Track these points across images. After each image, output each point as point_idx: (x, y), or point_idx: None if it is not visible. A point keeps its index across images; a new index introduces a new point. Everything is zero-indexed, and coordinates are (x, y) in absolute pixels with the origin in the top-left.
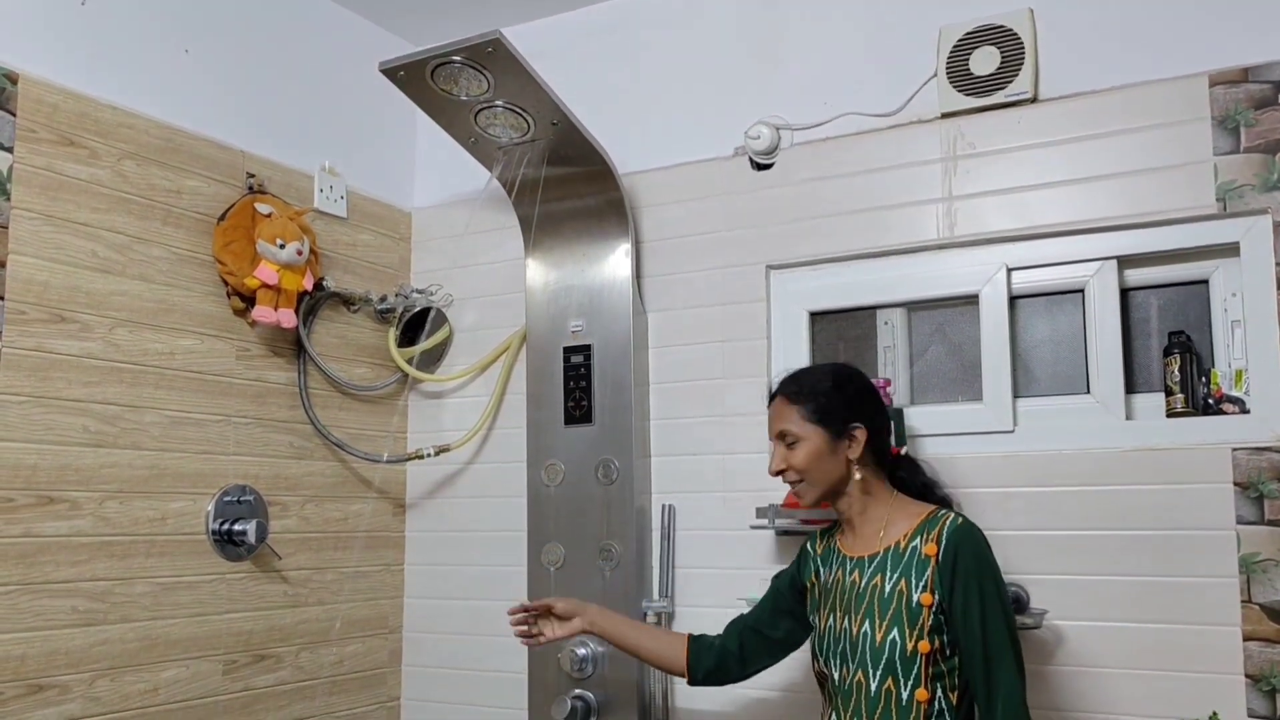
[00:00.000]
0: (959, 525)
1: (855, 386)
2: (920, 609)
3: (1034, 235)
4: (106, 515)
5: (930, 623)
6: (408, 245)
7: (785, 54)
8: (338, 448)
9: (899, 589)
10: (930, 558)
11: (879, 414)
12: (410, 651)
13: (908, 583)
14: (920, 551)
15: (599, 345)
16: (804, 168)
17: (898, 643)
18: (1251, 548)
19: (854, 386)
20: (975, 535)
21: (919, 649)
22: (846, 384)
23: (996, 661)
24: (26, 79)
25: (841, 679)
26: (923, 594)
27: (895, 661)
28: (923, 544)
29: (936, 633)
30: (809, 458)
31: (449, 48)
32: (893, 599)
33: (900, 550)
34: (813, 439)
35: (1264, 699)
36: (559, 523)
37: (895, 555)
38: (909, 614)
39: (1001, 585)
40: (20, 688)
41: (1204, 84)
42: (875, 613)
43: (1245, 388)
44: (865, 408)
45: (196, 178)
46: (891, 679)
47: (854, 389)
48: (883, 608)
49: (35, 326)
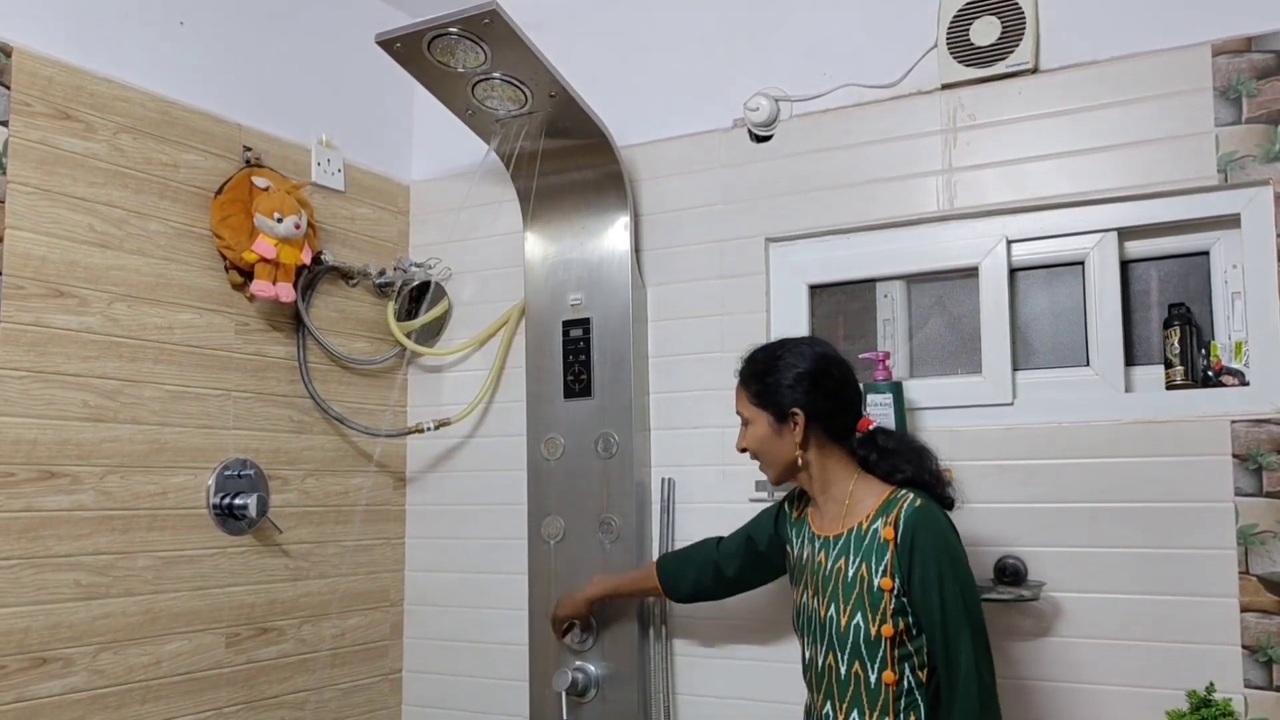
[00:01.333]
0: (916, 508)
1: (797, 369)
2: (881, 594)
3: (1034, 207)
4: (107, 490)
5: (893, 606)
6: (406, 219)
7: (784, 25)
8: (338, 422)
9: (860, 574)
10: (889, 542)
11: (824, 395)
12: (411, 624)
13: (868, 567)
14: (880, 535)
15: (598, 319)
16: (803, 139)
17: (861, 627)
18: (1250, 520)
19: (796, 369)
20: (932, 517)
21: (883, 633)
22: (788, 367)
23: (955, 642)
24: (21, 52)
25: (813, 660)
26: (883, 579)
27: (860, 646)
28: (883, 527)
29: (900, 614)
30: (757, 440)
31: (445, 19)
32: (855, 584)
33: (862, 532)
34: (759, 422)
35: (1261, 670)
36: (559, 496)
37: (858, 538)
38: (871, 599)
39: (960, 565)
40: (24, 660)
41: (1206, 54)
42: (840, 597)
43: (1245, 360)
44: (807, 390)
45: (193, 151)
46: (859, 663)
47: (795, 372)
48: (846, 592)
49: (33, 301)
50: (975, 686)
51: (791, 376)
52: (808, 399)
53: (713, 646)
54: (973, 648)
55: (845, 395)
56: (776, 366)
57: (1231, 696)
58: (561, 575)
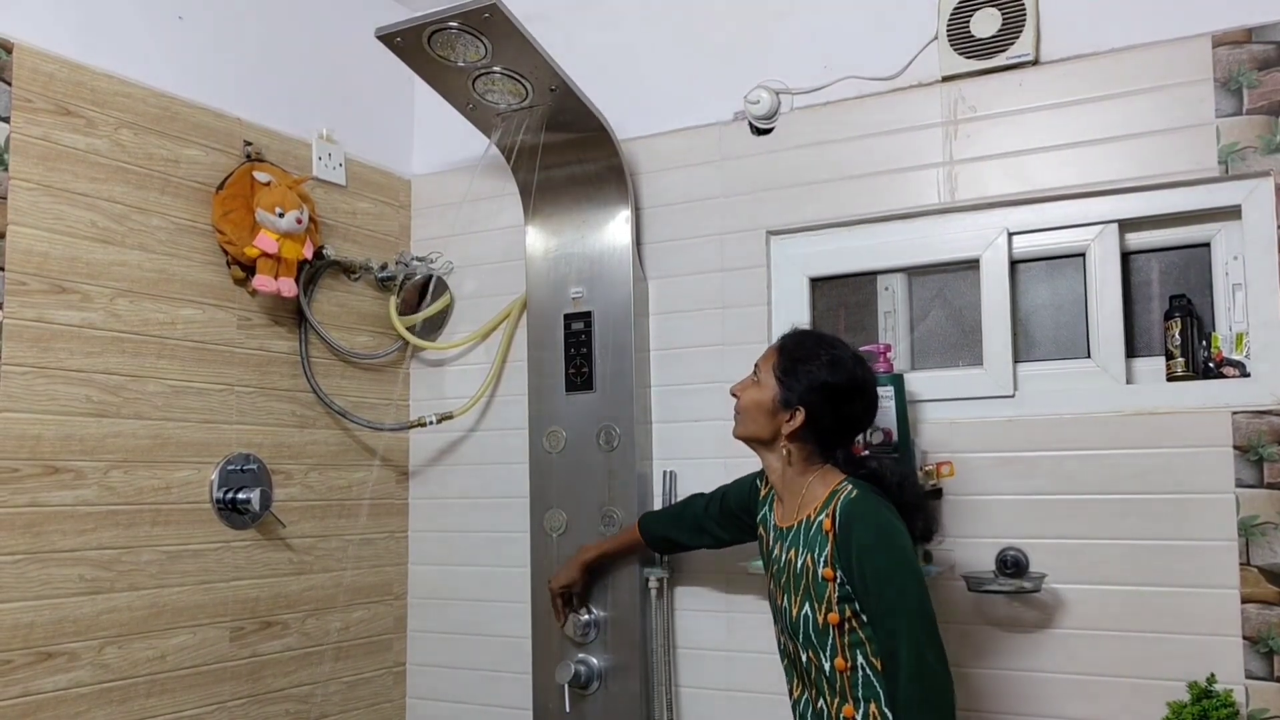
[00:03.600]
0: (851, 499)
1: (832, 379)
2: (825, 583)
3: (1035, 199)
4: (111, 484)
5: (837, 594)
6: (407, 213)
7: (785, 18)
8: (340, 416)
9: (807, 564)
10: (829, 533)
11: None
12: (415, 617)
13: (813, 558)
14: (823, 526)
15: (599, 312)
16: (804, 132)
17: (810, 616)
18: (1251, 511)
19: (827, 376)
20: (866, 507)
21: (829, 621)
22: (826, 369)
23: (895, 628)
24: (22, 48)
25: (784, 646)
26: (825, 569)
27: (811, 635)
28: (825, 519)
29: (845, 602)
30: (753, 402)
31: (446, 13)
32: (804, 574)
33: (810, 524)
34: (766, 390)
35: (1262, 661)
36: (561, 489)
37: (806, 529)
38: (816, 589)
39: (894, 550)
40: (29, 655)
41: (1207, 45)
42: (792, 588)
43: (1246, 351)
44: (824, 400)
45: (194, 147)
46: (811, 651)
47: (828, 379)
48: (796, 583)
49: (36, 297)
50: (916, 668)
51: (820, 378)
52: (820, 406)
53: (715, 639)
54: (913, 631)
55: (853, 423)
56: (815, 359)
57: (1232, 687)
58: None
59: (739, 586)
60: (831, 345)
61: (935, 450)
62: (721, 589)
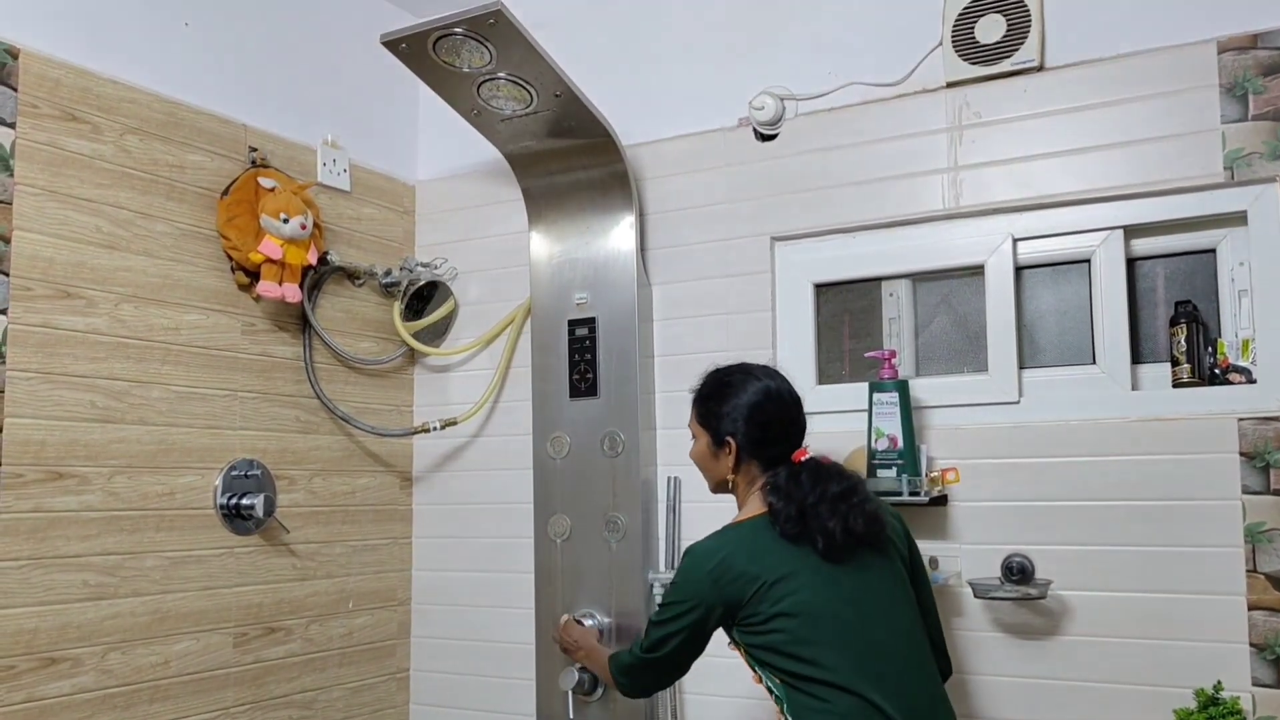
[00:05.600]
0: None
1: (738, 400)
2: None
3: (1040, 205)
4: (115, 490)
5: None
6: (411, 219)
7: (789, 23)
8: (344, 422)
9: None
10: None
11: (759, 424)
12: (419, 623)
13: None
14: None
15: (603, 318)
16: (808, 138)
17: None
18: (1257, 517)
19: (736, 400)
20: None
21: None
22: (731, 395)
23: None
24: (28, 54)
25: None
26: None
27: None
28: None
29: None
30: (699, 455)
31: (451, 19)
32: None
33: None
34: (701, 441)
35: (1269, 668)
36: (565, 495)
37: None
38: None
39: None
40: (33, 661)
41: (1212, 51)
42: None
43: (1252, 357)
44: (741, 421)
45: (199, 152)
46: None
47: (734, 402)
48: None
49: (41, 303)
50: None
51: (730, 406)
52: (742, 430)
53: (720, 645)
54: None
55: (775, 428)
56: (722, 394)
57: (1239, 694)
58: (568, 574)
59: None
60: (730, 372)
61: (940, 457)
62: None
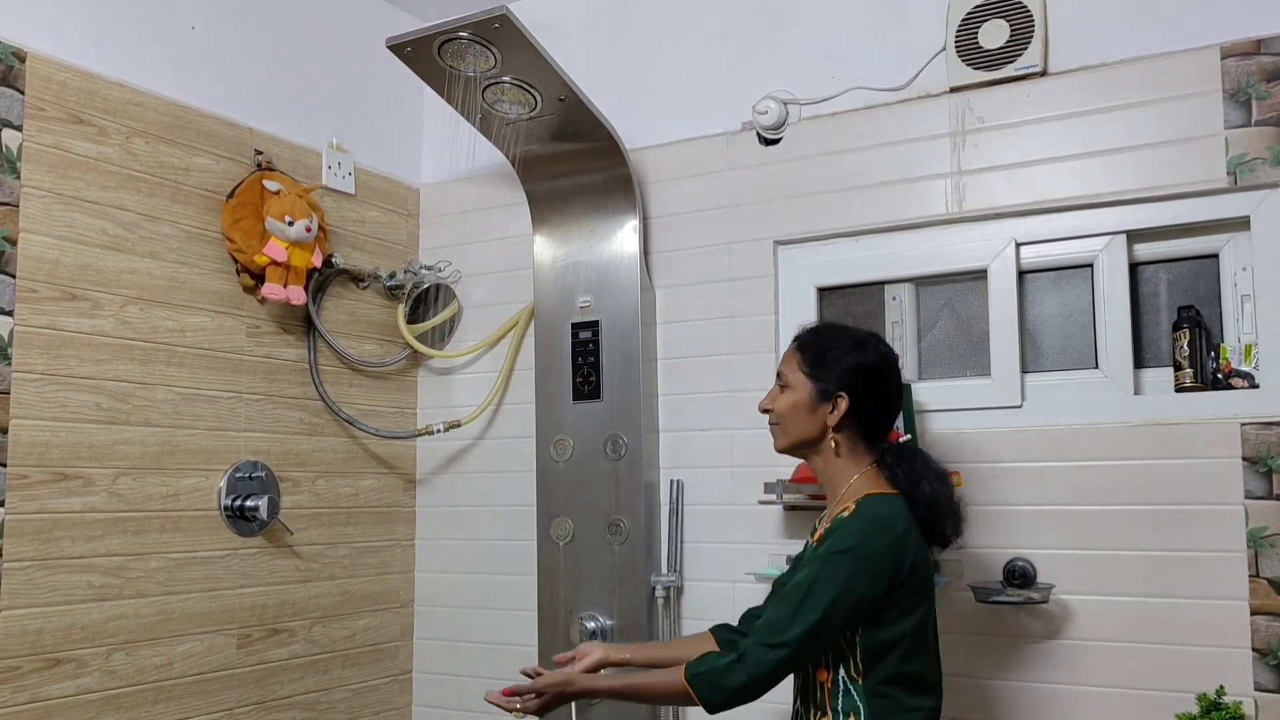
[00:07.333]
0: (844, 518)
1: (864, 359)
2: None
3: (1043, 210)
4: (120, 491)
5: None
6: (416, 221)
7: (793, 28)
8: (348, 424)
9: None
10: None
11: (876, 394)
12: (421, 625)
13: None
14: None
15: (607, 321)
16: (812, 142)
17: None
18: (1259, 522)
19: (862, 358)
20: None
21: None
22: (854, 352)
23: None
24: (35, 57)
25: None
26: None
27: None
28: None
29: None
30: (790, 406)
31: (456, 23)
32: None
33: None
34: (799, 390)
35: (1271, 673)
36: (568, 497)
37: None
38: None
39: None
40: (38, 661)
41: (1215, 56)
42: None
43: (1254, 362)
44: (862, 381)
45: (205, 155)
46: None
47: (859, 360)
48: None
49: (47, 304)
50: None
51: (852, 361)
52: (859, 388)
53: None
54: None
55: (892, 401)
56: (840, 345)
57: (1242, 699)
58: (570, 576)
59: (747, 595)
60: (850, 330)
61: (943, 460)
62: (730, 597)
